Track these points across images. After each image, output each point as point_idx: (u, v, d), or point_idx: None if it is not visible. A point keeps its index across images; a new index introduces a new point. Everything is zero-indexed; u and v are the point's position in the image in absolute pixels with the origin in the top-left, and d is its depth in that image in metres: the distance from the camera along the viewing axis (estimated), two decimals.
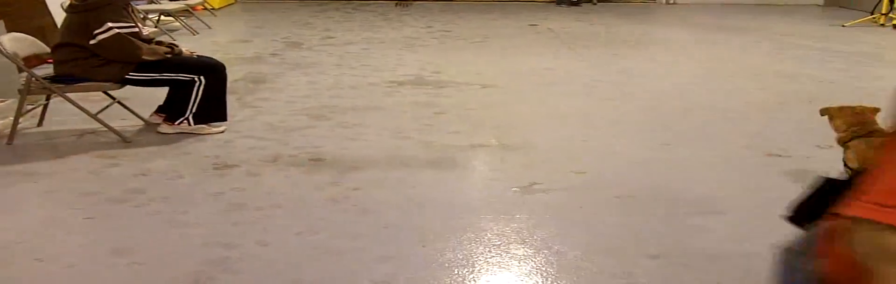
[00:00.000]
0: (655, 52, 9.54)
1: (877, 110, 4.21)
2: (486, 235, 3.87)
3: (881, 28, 12.40)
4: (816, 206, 3.52)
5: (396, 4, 14.47)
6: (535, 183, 4.62)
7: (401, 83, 7.41)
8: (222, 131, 5.64)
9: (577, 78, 7.90)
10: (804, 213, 3.75)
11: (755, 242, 3.84)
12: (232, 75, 6.46)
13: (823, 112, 4.33)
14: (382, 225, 3.97)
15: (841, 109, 4.25)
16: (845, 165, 4.11)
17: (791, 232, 3.83)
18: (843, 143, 4.12)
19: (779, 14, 14.13)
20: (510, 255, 3.65)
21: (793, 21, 13.16)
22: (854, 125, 4.11)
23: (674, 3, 15.54)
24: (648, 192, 4.54)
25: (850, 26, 12.44)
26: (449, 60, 8.72)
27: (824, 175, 3.76)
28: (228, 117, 5.72)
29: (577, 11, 13.78)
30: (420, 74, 7.84)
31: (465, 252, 3.66)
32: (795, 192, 4.52)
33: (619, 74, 8.19)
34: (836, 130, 4.21)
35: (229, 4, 13.93)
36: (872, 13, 13.07)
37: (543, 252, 3.68)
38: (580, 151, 5.36)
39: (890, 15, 12.63)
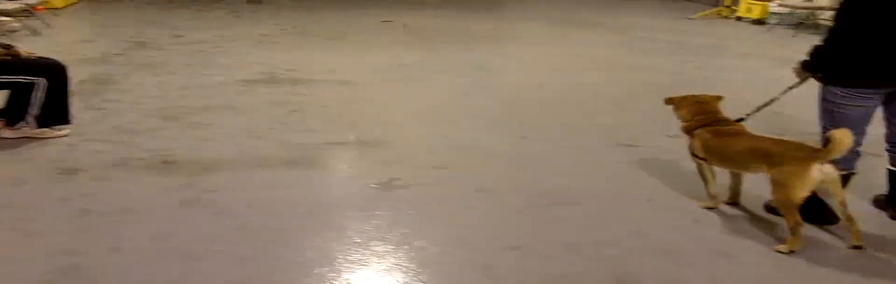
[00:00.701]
0: (510, 46, 9.64)
1: (719, 99, 4.34)
2: (345, 233, 3.81)
3: (725, 20, 12.85)
4: None
5: (248, 1, 14.21)
6: (395, 179, 4.58)
7: (254, 82, 7.26)
8: (66, 135, 5.40)
9: (434, 73, 7.90)
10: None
11: (610, 231, 3.90)
12: (76, 77, 6.20)
13: (668, 102, 4.45)
14: (239, 227, 3.86)
15: (684, 98, 4.37)
16: (692, 153, 4.20)
17: (646, 220, 3.91)
18: (688, 131, 4.22)
19: (628, 8, 14.47)
20: (371, 252, 3.60)
21: (641, 14, 13.49)
22: (698, 114, 4.22)
23: None
24: (507, 185, 4.56)
25: (696, 19, 12.84)
26: (303, 58, 8.60)
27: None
28: (72, 120, 5.48)
29: (431, 7, 13.80)
30: (274, 72, 7.70)
31: (325, 251, 3.59)
32: (647, 180, 4.63)
33: (475, 68, 8.23)
34: (682, 119, 4.32)
35: (72, 4, 13.41)
36: (716, 5, 13.53)
37: (404, 248, 3.64)
38: (439, 146, 5.35)
39: (733, 7, 13.09)
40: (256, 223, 3.93)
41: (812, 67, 3.96)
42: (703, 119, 4.19)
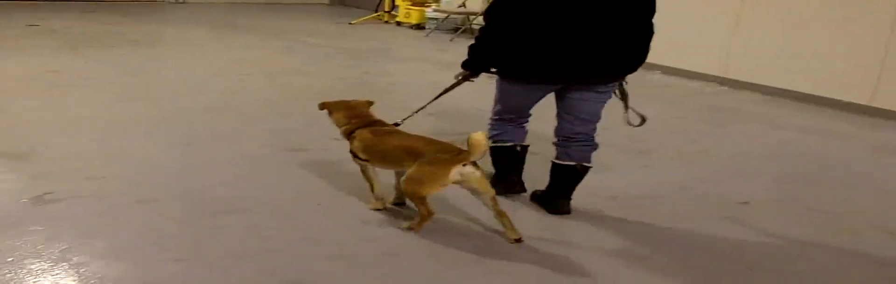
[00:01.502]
0: (168, 51, 9.42)
1: (370, 103, 4.54)
2: None
3: (385, 25, 13.22)
4: None
5: None
6: (48, 193, 4.36)
7: None
8: None
9: (87, 80, 7.57)
10: None
11: (280, 238, 3.92)
12: None
13: (321, 107, 4.54)
14: None
15: (337, 103, 4.50)
16: (353, 155, 4.33)
17: (316, 225, 3.94)
18: (347, 134, 4.36)
19: (288, 12, 14.54)
20: (26, 271, 3.42)
21: (303, 19, 13.60)
22: (354, 118, 4.38)
23: (183, 2, 15.40)
24: (170, 195, 4.47)
25: (357, 24, 13.11)
26: None
27: None
28: None
29: (82, 10, 13.19)
30: None
31: None
32: (316, 185, 4.68)
33: (132, 75, 7.97)
34: (337, 123, 4.45)
35: None
36: (376, 11, 13.88)
37: (62, 265, 3.48)
38: (95, 156, 5.15)
39: (393, 13, 13.50)
40: None
41: (470, 65, 4.24)
42: (359, 122, 4.34)
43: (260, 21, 12.99)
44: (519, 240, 3.95)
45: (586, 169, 4.37)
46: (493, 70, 4.24)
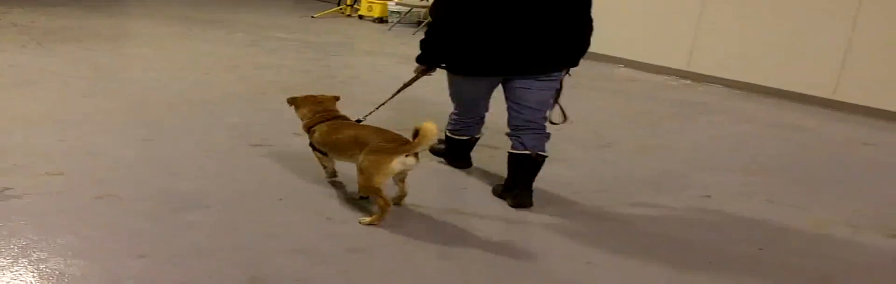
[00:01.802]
0: (131, 46, 9.35)
1: (336, 98, 4.72)
2: None
3: (348, 18, 13.18)
4: None
5: None
6: (6, 188, 4.32)
7: None
8: None
9: (49, 75, 7.49)
10: None
11: (242, 234, 3.91)
12: None
13: (290, 102, 4.70)
14: None
15: (305, 98, 4.65)
16: (313, 146, 4.47)
17: (279, 221, 3.94)
18: (308, 128, 4.52)
19: (252, 6, 14.44)
20: None
21: (266, 13, 13.52)
22: (319, 112, 4.54)
23: None
24: (132, 191, 4.44)
25: (319, 17, 13.06)
26: None
27: None
28: None
29: (44, 4, 13.04)
30: None
31: None
32: (279, 180, 4.67)
33: (95, 69, 7.90)
34: (302, 117, 4.61)
35: None
36: (339, 5, 13.83)
37: (22, 262, 3.46)
38: (56, 151, 5.10)
39: (355, 6, 13.45)
40: None
41: (422, 59, 4.47)
42: (322, 116, 4.51)
43: (223, 15, 12.90)
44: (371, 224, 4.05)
45: (542, 158, 4.44)
46: (443, 65, 4.46)
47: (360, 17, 13.19)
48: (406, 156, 3.95)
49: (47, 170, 4.69)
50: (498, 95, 4.55)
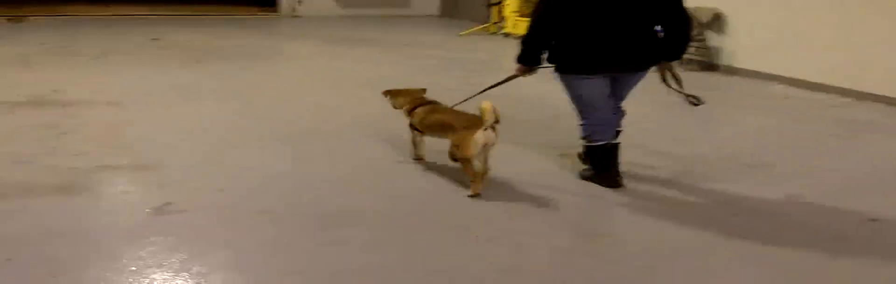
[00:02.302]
0: (285, 64, 9.58)
1: (423, 90, 5.61)
2: (120, 261, 3.68)
3: (493, 36, 13.20)
4: None
5: (8, 20, 13.51)
6: (170, 203, 4.46)
7: (17, 104, 6.90)
8: None
9: (208, 93, 7.75)
10: None
11: (393, 253, 3.92)
12: None
13: (385, 94, 5.64)
14: (6, 258, 3.66)
15: (398, 91, 5.62)
16: (412, 127, 5.34)
17: (430, 240, 3.94)
18: (409, 111, 5.37)
19: (401, 26, 14.65)
20: (148, 280, 3.49)
21: (414, 32, 13.69)
22: (416, 99, 5.44)
23: (298, 16, 15.67)
24: (289, 207, 4.52)
25: (465, 36, 13.14)
26: (70, 78, 8.25)
27: None
28: None
29: (201, 25, 13.53)
30: (39, 94, 7.35)
31: (100, 281, 3.46)
32: (431, 199, 4.69)
33: (250, 87, 8.13)
34: (398, 106, 5.51)
35: None
36: (484, 23, 13.88)
37: (183, 275, 3.55)
38: (216, 168, 5.25)
39: (500, 24, 13.48)
40: (27, 253, 3.74)
41: (523, 59, 4.85)
42: (419, 101, 5.39)
43: (371, 34, 13.11)
44: (475, 196, 4.73)
45: (615, 145, 4.98)
46: (551, 66, 4.82)
47: (506, 34, 13.20)
48: (485, 130, 4.67)
49: (208, 185, 4.83)
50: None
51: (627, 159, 5.10)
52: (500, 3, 13.42)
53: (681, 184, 5.09)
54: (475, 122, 4.72)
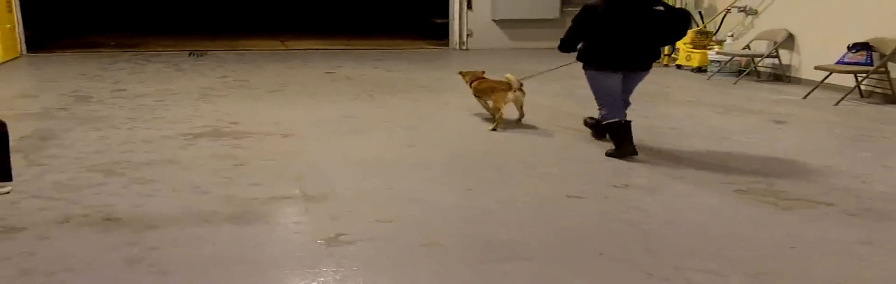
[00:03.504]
0: (451, 96, 9.68)
1: (482, 72, 8.29)
2: None
3: (665, 68, 13.03)
4: None
5: (190, 54, 14.19)
6: (341, 234, 4.56)
7: (197, 135, 7.22)
8: (8, 192, 5.32)
9: (378, 125, 7.92)
10: None
11: None
12: (17, 132, 6.16)
13: (461, 73, 8.48)
14: None
15: (466, 72, 8.41)
16: (475, 95, 8.09)
17: (598, 275, 3.88)
18: (470, 83, 8.14)
19: (571, 57, 14.59)
20: None
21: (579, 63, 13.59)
22: (476, 77, 8.15)
23: (466, 49, 15.87)
24: (455, 239, 4.55)
25: None
26: (247, 110, 8.59)
27: None
28: (13, 177, 5.40)
29: (372, 58, 13.87)
30: (217, 126, 7.67)
31: None
32: (597, 233, 4.64)
33: (419, 119, 8.27)
34: (468, 81, 8.23)
35: (14, 58, 13.30)
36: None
37: None
38: (385, 199, 5.35)
39: (673, 55, 13.29)
40: (201, 281, 3.88)
41: (578, 57, 6.80)
42: (476, 77, 8.16)
43: (538, 66, 13.08)
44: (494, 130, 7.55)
45: (628, 122, 6.57)
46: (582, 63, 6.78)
47: (678, 66, 13.01)
48: (513, 92, 7.48)
49: (377, 217, 4.91)
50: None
51: (804, 193, 4.93)
52: None
53: (863, 223, 4.90)
54: (506, 86, 7.53)
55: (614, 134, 6.60)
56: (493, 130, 7.45)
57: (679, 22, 6.60)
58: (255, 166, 6.15)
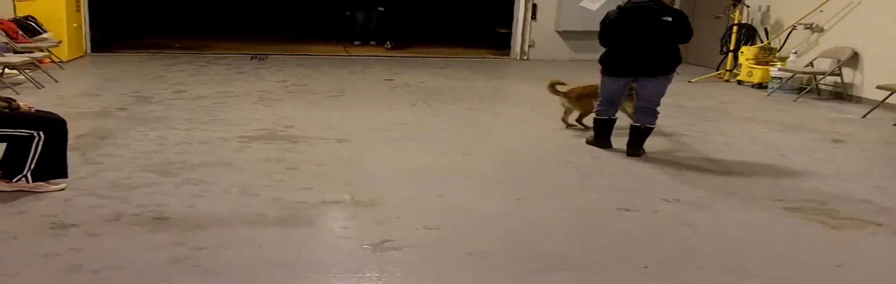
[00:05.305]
0: (507, 106, 9.68)
1: (563, 83, 8.20)
2: None
3: (725, 84, 12.87)
4: None
5: (252, 58, 14.32)
6: (387, 240, 4.55)
7: (252, 138, 7.27)
8: (62, 189, 5.39)
9: (432, 133, 7.92)
10: None
11: None
12: (76, 130, 6.24)
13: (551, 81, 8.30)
14: None
15: (554, 83, 8.23)
16: (576, 100, 8.13)
17: None
18: (554, 91, 8.17)
19: None
20: None
21: None
22: (557, 84, 8.22)
23: (527, 59, 15.83)
24: (501, 248, 4.52)
25: (695, 82, 12.88)
26: (303, 115, 8.64)
27: None
28: (69, 174, 5.48)
29: (433, 66, 13.89)
30: (273, 129, 7.72)
31: None
32: (644, 247, 4.59)
33: (473, 128, 8.26)
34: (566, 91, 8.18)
35: (79, 57, 13.53)
36: (717, 69, 13.56)
37: None
38: (433, 206, 5.33)
39: (734, 71, 13.12)
40: (244, 282, 3.90)
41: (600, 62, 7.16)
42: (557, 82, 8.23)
43: (594, 78, 13.01)
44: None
45: (649, 129, 7.03)
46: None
47: (739, 82, 12.83)
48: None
49: (425, 224, 4.90)
50: None
51: (854, 213, 4.83)
52: (735, 50, 13.11)
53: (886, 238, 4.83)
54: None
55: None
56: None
57: (683, 29, 6.89)
58: (307, 170, 6.17)
